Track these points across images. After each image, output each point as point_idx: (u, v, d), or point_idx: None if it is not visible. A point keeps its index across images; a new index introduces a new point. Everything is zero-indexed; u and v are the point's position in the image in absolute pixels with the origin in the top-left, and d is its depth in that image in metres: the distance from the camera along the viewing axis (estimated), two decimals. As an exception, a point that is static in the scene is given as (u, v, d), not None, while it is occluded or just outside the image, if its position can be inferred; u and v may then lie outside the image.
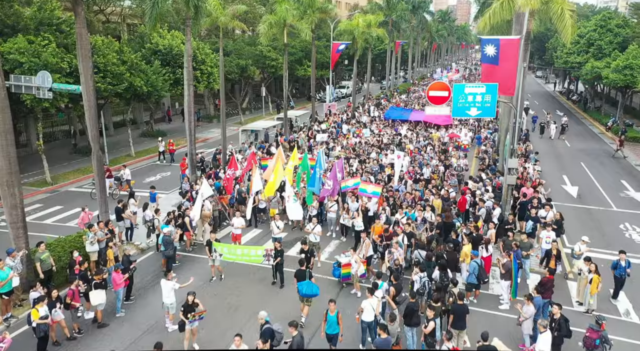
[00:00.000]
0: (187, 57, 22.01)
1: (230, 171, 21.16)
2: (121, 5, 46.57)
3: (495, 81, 20.47)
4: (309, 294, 13.68)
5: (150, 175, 29.74)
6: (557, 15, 16.24)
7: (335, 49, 42.57)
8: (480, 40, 22.90)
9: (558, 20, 16.35)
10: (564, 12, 16.17)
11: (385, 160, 26.73)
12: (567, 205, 24.79)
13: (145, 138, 40.36)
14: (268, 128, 33.13)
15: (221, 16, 24.38)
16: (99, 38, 30.80)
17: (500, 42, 20.18)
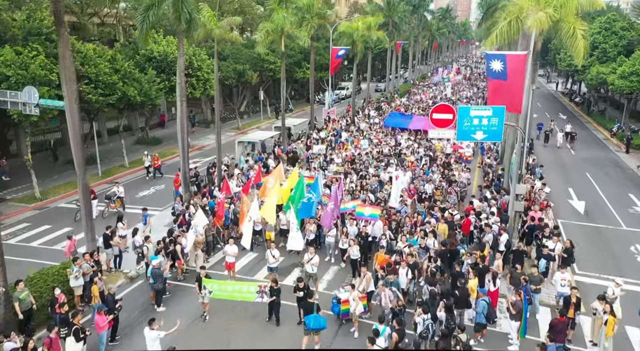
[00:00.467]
0: (179, 72, 21.07)
1: (222, 195, 20.17)
2: (116, 7, 45.65)
3: (502, 98, 19.70)
4: (316, 328, 13.23)
5: (143, 189, 28.83)
6: (569, 35, 15.30)
7: (334, 54, 41.57)
8: (485, 56, 21.98)
9: (569, 40, 15.40)
10: (575, 32, 15.22)
11: (385, 175, 25.80)
12: (575, 224, 23.93)
13: (141, 145, 39.42)
14: (265, 139, 32.14)
15: (216, 28, 23.39)
16: (90, 46, 29.83)
17: (506, 57, 19.34)
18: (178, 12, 19.38)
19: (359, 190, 23.70)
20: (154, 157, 31.12)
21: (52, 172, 31.70)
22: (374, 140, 33.90)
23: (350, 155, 29.60)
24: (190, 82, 36.28)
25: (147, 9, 19.75)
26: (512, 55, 19.03)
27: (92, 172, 31.25)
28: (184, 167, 22.47)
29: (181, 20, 19.68)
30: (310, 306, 13.69)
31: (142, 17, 19.58)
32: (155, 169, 31.05)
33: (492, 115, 16.45)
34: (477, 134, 16.67)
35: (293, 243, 17.54)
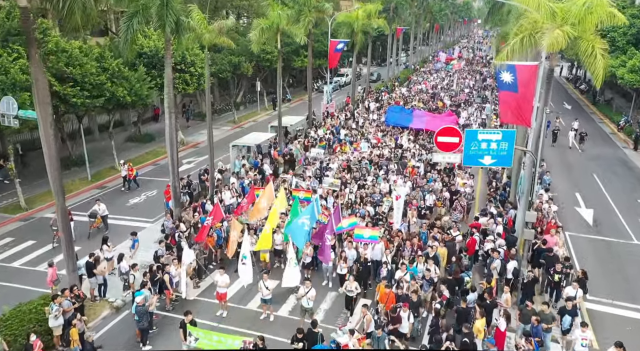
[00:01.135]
0: (167, 81, 19.72)
1: (209, 219, 18.92)
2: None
3: (513, 109, 18.60)
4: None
5: (134, 196, 27.67)
6: (587, 55, 14.01)
7: (333, 47, 39.99)
8: (494, 67, 20.67)
9: (587, 59, 14.11)
10: (595, 51, 13.92)
11: (384, 185, 24.63)
12: (583, 237, 22.90)
13: (133, 143, 38.17)
14: (261, 142, 30.85)
15: (206, 32, 21.95)
16: (75, 44, 28.36)
17: (516, 68, 18.14)
18: (162, 21, 17.95)
19: (358, 203, 22.59)
20: (129, 167, 28.25)
21: (40, 174, 30.40)
22: (372, 140, 32.58)
23: (346, 161, 28.25)
24: (184, 77, 34.89)
25: (131, 16, 18.33)
26: (522, 65, 17.74)
27: (81, 175, 30.17)
28: (174, 182, 21.29)
29: (166, 30, 18.27)
30: (314, 336, 13.22)
31: (125, 26, 18.17)
32: (130, 180, 28.36)
33: (502, 139, 15.29)
34: (485, 159, 15.53)
35: (289, 280, 16.46)
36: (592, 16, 14.22)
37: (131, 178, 28.29)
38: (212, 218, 18.80)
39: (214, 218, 18.84)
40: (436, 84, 57.47)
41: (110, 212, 24.88)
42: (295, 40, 31.31)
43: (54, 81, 25.10)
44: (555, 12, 14.45)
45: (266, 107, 52.90)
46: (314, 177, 25.96)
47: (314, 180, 25.52)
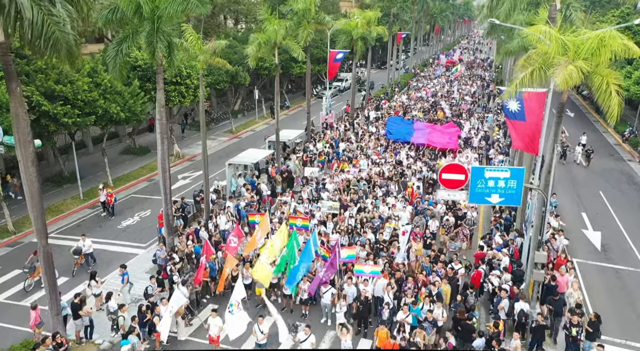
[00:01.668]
0: (159, 107, 18.85)
1: (202, 258, 18.06)
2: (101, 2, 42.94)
3: (522, 138, 17.90)
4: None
5: (127, 216, 26.84)
6: (601, 91, 13.18)
7: (332, 58, 39.12)
8: (499, 93, 19.86)
9: (600, 95, 13.28)
10: (609, 87, 13.09)
11: (384, 208, 23.80)
12: (592, 264, 22.08)
13: (128, 155, 37.30)
14: (258, 160, 30.00)
15: (200, 54, 21.09)
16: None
17: (523, 95, 17.41)
18: (153, 47, 17.07)
19: (358, 230, 21.77)
20: (107, 193, 26.41)
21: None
22: (372, 156, 31.70)
23: (344, 180, 27.34)
24: (179, 90, 34.05)
25: (121, 41, 17.48)
26: (530, 93, 16.99)
27: (73, 192, 29.35)
28: (167, 209, 20.44)
29: (156, 55, 17.39)
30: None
31: (114, 51, 17.31)
32: (109, 206, 26.44)
33: (510, 177, 14.49)
34: (493, 197, 14.73)
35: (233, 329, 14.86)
36: (606, 49, 13.39)
37: (110, 204, 26.44)
38: (204, 256, 17.90)
39: (206, 256, 17.93)
40: (436, 90, 56.50)
41: (101, 236, 24.21)
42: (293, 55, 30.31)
43: (42, 100, 24.24)
44: (567, 46, 13.62)
45: (264, 115, 52.01)
46: (311, 200, 25.10)
47: (310, 203, 24.65)
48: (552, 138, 14.91)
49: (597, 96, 13.50)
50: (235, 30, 60.07)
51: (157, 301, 16.58)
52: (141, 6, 16.68)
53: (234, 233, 19.26)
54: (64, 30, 12.29)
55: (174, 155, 37.08)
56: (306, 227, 20.78)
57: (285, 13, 34.19)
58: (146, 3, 16.74)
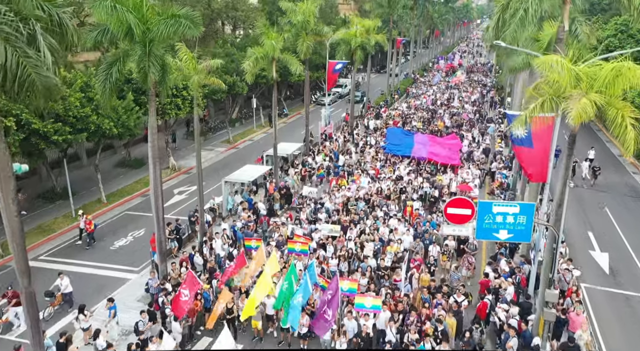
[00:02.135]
0: (151, 131, 18.09)
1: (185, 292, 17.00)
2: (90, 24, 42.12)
3: (529, 165, 17.29)
4: None
5: (119, 235, 26.08)
6: (616, 124, 12.45)
7: (331, 69, 38.43)
8: (506, 116, 19.15)
9: (616, 129, 12.55)
10: (624, 120, 12.36)
11: (385, 230, 23.08)
12: (600, 290, 21.35)
13: (122, 168, 36.49)
14: (257, 177, 29.22)
15: (194, 74, 20.35)
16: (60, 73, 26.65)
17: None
18: (144, 72, 16.31)
19: (358, 254, 21.04)
20: (86, 220, 24.63)
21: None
22: (371, 171, 30.91)
23: (343, 200, 26.56)
24: (175, 102, 33.31)
25: (110, 65, 16.72)
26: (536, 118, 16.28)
27: (65, 209, 28.53)
28: (159, 235, 19.67)
29: (148, 80, 16.63)
30: None
31: (104, 75, 16.55)
32: (88, 234, 24.63)
33: (519, 213, 13.76)
34: (501, 233, 14.00)
35: None
36: (621, 79, 12.65)
37: (89, 232, 24.58)
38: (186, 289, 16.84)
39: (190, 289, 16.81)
40: (436, 98, 55.70)
41: (92, 259, 23.50)
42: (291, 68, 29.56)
43: (32, 118, 23.47)
44: (580, 77, 12.89)
45: (262, 124, 51.25)
46: (309, 221, 24.36)
47: (309, 224, 23.91)
48: (563, 171, 14.16)
49: (612, 129, 12.75)
50: (233, 37, 59.31)
51: (147, 337, 15.81)
52: (132, 29, 15.92)
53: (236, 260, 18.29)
54: (43, 73, 11.45)
55: (170, 167, 36.30)
56: (305, 252, 20.09)
57: (283, 25, 33.49)
58: (137, 26, 15.98)
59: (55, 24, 12.26)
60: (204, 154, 40.97)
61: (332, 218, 24.77)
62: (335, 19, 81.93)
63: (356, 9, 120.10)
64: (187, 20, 16.26)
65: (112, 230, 26.63)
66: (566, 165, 14.28)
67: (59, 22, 12.42)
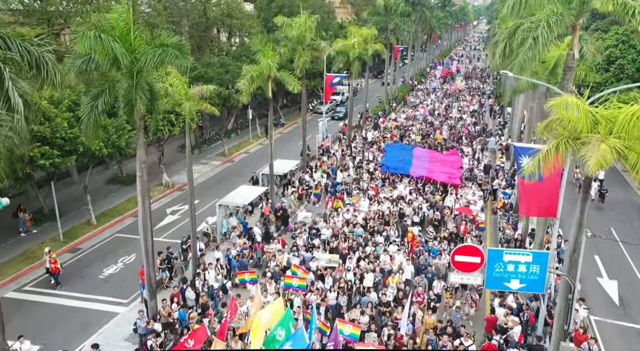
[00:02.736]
0: (140, 170, 17.14)
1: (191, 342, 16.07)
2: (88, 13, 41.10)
3: (538, 200, 16.33)
4: None
5: (109, 261, 25.07)
6: (636, 170, 11.58)
7: (328, 82, 37.52)
8: (514, 149, 18.29)
9: (635, 175, 11.68)
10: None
11: (386, 258, 22.17)
12: (610, 323, 20.45)
13: (114, 185, 35.45)
14: (253, 199, 28.22)
15: (185, 101, 19.39)
16: (46, 92, 25.52)
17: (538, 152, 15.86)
18: (131, 105, 15.32)
19: (358, 287, 20.13)
20: (51, 259, 22.40)
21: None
22: (370, 192, 29.94)
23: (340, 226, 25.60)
24: (169, 118, 32.31)
25: (96, 96, 15.76)
26: None
27: (52, 233, 27.48)
28: (148, 271, 18.70)
29: (135, 116, 15.66)
30: None
31: (88, 107, 15.58)
32: (53, 274, 22.44)
33: (532, 262, 12.88)
34: (513, 283, 13.15)
35: None
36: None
37: (52, 272, 22.41)
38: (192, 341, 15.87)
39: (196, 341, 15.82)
40: (434, 108, 54.74)
41: (80, 289, 22.55)
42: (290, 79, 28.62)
43: (17, 143, 22.42)
44: (598, 121, 12.01)
45: (259, 134, 50.23)
46: (305, 248, 23.43)
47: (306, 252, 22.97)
48: (578, 215, 13.26)
49: (632, 174, 11.88)
50: (228, 45, 58.27)
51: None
52: (118, 59, 14.94)
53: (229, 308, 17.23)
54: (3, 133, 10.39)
55: (163, 184, 35.35)
56: (303, 288, 19.14)
57: (280, 39, 32.55)
58: (124, 55, 15.01)
59: (33, 63, 11.23)
60: (199, 168, 40.01)
61: (330, 245, 23.86)
62: (332, 24, 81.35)
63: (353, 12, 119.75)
64: (176, 50, 15.28)
65: (101, 255, 25.63)
66: (581, 210, 13.38)
67: (37, 61, 11.39)
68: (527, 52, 15.76)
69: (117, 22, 15.54)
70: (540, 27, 15.60)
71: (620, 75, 45.78)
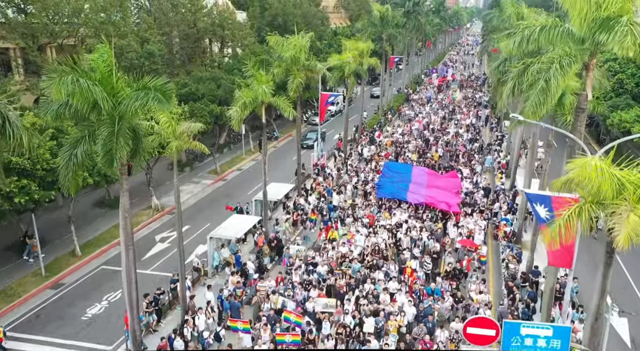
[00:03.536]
0: (123, 219, 15.90)
1: None
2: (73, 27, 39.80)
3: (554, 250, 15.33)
4: None
5: (93, 299, 23.69)
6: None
7: (323, 101, 36.39)
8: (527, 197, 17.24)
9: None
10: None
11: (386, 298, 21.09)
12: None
13: (101, 209, 34.05)
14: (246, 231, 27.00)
15: (173, 139, 18.18)
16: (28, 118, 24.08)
17: (552, 200, 14.95)
18: (111, 155, 14.05)
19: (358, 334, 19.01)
20: None
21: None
22: (365, 220, 28.75)
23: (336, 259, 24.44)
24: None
25: (76, 143, 14.52)
26: (559, 198, 14.44)
27: (31, 268, 26.05)
28: (132, 324, 17.44)
29: (114, 167, 14.41)
30: None
31: (67, 155, 14.33)
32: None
33: (553, 336, 11.79)
34: (531, 359, 11.98)
35: None
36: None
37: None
38: None
39: None
40: (429, 121, 53.59)
41: (60, 335, 21.22)
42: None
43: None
44: (624, 186, 10.94)
45: (252, 149, 48.92)
46: (302, 286, 22.27)
47: (301, 292, 21.79)
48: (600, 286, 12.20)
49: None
50: (220, 56, 56.95)
51: None
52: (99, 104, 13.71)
53: None
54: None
55: (152, 208, 34.04)
56: (297, 342, 17.98)
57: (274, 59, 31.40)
58: (105, 100, 13.76)
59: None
60: (190, 188, 38.75)
61: (326, 282, 22.71)
62: (326, 32, 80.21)
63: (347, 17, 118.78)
64: (159, 93, 14.06)
65: (85, 292, 24.30)
66: (604, 274, 12.31)
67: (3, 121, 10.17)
68: (539, 95, 14.70)
69: (97, 63, 14.32)
70: (552, 69, 14.53)
71: (619, 89, 45.02)
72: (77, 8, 39.00)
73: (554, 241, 11.45)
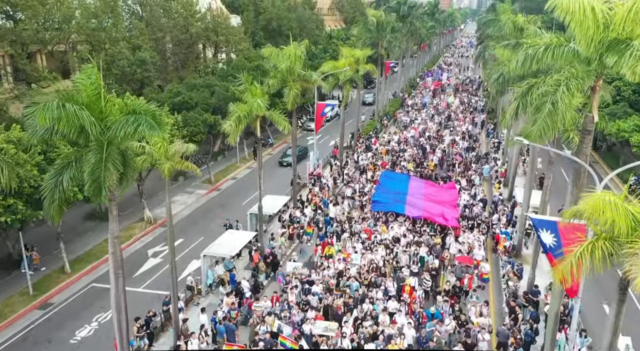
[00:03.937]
0: (112, 246, 15.24)
1: None
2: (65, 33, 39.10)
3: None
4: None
5: (82, 320, 22.98)
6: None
7: (319, 111, 35.80)
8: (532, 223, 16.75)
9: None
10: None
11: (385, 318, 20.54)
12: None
13: (92, 222, 33.29)
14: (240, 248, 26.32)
15: (165, 161, 17.54)
16: (15, 132, 23.32)
17: (557, 227, 14.47)
18: (98, 184, 13.40)
19: None
20: None
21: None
22: (363, 234, 28.17)
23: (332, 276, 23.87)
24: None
25: (61, 170, 13.85)
26: (565, 224, 13.92)
27: (22, 283, 25.31)
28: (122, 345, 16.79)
29: (102, 196, 13.76)
30: None
31: (52, 184, 13.66)
32: None
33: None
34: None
35: None
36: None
37: None
38: None
39: None
40: (425, 128, 53.02)
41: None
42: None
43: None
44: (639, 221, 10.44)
45: (246, 157, 48.26)
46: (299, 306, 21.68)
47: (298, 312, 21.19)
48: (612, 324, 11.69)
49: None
50: (214, 61, 56.26)
51: None
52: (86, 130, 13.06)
53: None
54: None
55: (145, 220, 33.35)
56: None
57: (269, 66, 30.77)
58: (92, 125, 13.11)
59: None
60: (183, 199, 38.05)
61: (323, 302, 22.12)
62: (321, 36, 79.69)
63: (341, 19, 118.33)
64: (150, 118, 13.41)
65: (74, 312, 23.60)
66: (617, 312, 11.80)
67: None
68: (546, 119, 14.16)
69: (84, 85, 13.66)
70: (559, 92, 14.00)
71: (616, 97, 44.59)
72: (68, 15, 38.27)
73: (565, 279, 10.89)
